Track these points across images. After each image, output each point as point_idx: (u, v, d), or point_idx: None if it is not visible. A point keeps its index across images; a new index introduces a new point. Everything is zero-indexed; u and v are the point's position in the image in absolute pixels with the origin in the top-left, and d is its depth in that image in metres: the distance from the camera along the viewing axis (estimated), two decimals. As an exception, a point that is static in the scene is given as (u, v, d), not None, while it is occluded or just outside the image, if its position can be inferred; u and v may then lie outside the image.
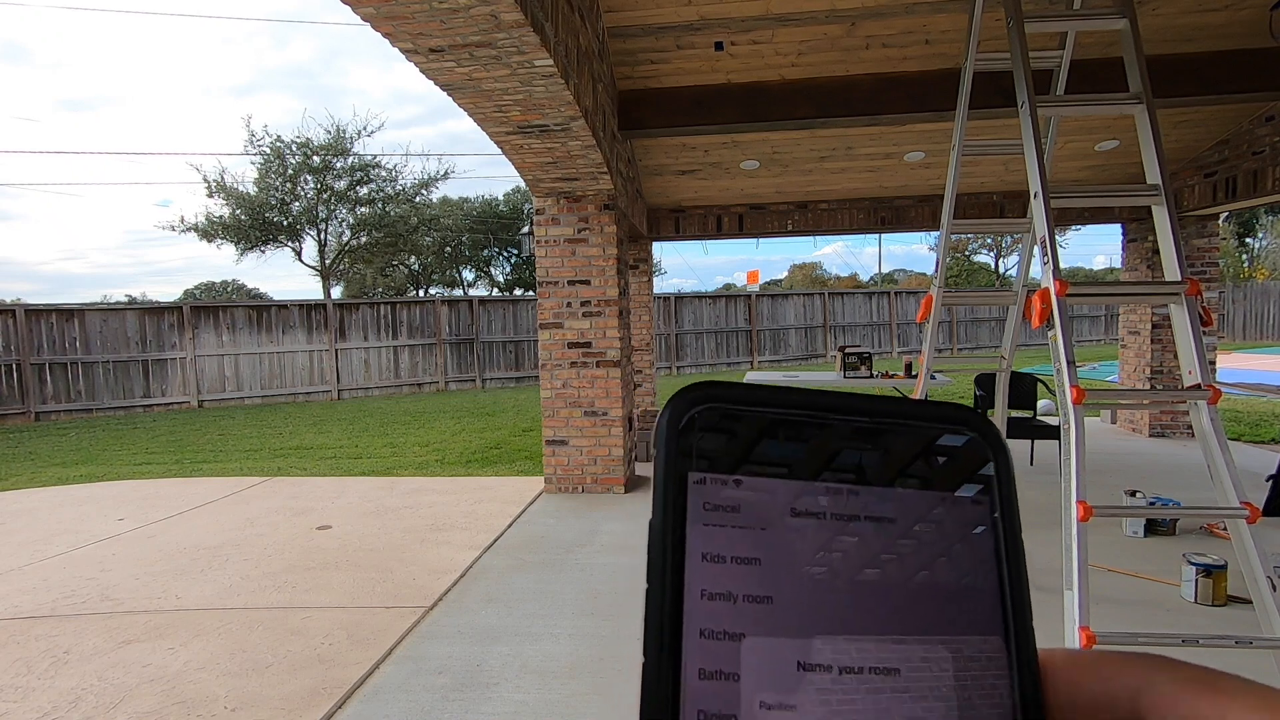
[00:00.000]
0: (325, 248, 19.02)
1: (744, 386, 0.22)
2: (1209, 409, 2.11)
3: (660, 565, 0.20)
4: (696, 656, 0.19)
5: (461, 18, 2.62)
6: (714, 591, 0.20)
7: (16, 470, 7.80)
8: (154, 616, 3.58)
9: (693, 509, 0.20)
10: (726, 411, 0.21)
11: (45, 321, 11.60)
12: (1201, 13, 4.49)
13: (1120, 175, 7.37)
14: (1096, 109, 2.66)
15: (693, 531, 0.20)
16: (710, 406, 0.21)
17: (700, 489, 0.20)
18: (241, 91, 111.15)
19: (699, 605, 0.19)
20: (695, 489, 0.20)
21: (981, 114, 4.43)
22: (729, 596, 0.20)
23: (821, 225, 8.31)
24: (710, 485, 0.21)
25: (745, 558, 0.20)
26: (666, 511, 0.20)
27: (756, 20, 4.45)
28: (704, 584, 0.20)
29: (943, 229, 3.30)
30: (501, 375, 15.41)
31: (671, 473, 0.20)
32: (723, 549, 0.20)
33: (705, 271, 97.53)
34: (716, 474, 0.21)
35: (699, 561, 0.20)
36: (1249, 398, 10.40)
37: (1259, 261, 30.54)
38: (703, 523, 0.20)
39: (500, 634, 3.25)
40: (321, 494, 6.10)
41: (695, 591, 0.20)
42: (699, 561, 0.20)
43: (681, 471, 0.20)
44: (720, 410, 0.21)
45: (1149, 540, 4.32)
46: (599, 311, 5.63)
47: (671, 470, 0.21)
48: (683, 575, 0.20)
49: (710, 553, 0.20)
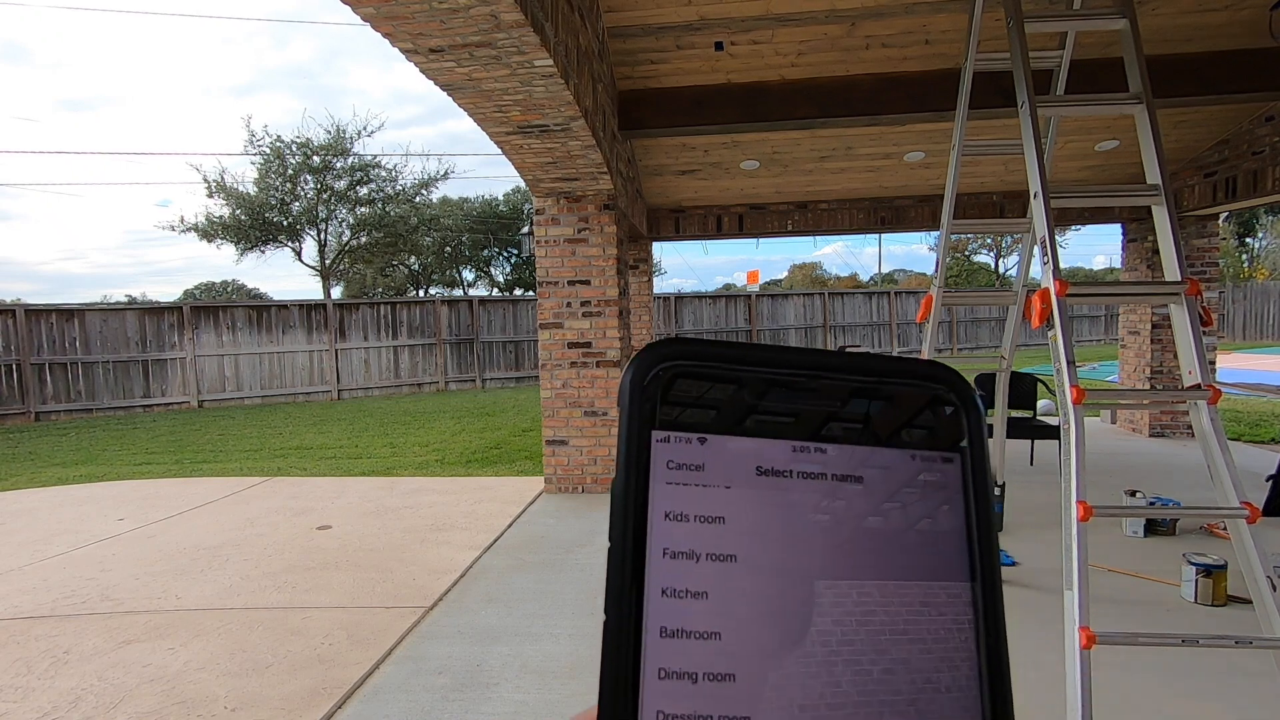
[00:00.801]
0: (325, 248, 19.02)
1: (710, 343, 0.21)
2: (1209, 409, 2.11)
3: (622, 525, 0.19)
4: (659, 615, 0.19)
5: (461, 18, 2.62)
6: (677, 550, 0.19)
7: (16, 470, 7.80)
8: (154, 616, 3.58)
9: (656, 468, 0.20)
10: (692, 369, 0.21)
11: (45, 321, 11.60)
12: (1201, 13, 4.49)
13: (1120, 175, 7.37)
14: (1096, 109, 2.66)
15: (656, 490, 0.20)
16: (676, 364, 0.21)
17: (664, 447, 0.20)
18: (241, 91, 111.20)
19: (661, 564, 0.19)
20: (659, 448, 0.20)
21: (981, 114, 4.43)
22: (692, 555, 0.19)
23: (821, 225, 8.31)
24: (674, 444, 0.20)
25: (709, 516, 0.20)
26: (629, 470, 0.20)
27: (756, 20, 4.45)
28: (667, 543, 0.19)
29: (943, 229, 3.30)
30: (501, 375, 15.41)
31: (634, 431, 0.20)
32: (686, 508, 0.20)
33: (705, 271, 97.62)
34: (681, 432, 0.20)
35: (662, 520, 0.19)
36: (1249, 398, 10.40)
37: (1259, 261, 30.54)
38: (666, 481, 0.20)
39: (500, 634, 3.25)
40: (321, 494, 6.10)
41: (658, 550, 0.19)
42: (662, 520, 0.19)
43: (645, 430, 0.20)
44: (686, 368, 0.21)
45: (1149, 540, 4.32)
46: (599, 311, 5.63)
47: (634, 428, 0.20)
48: (645, 534, 0.19)
49: (673, 511, 0.20)
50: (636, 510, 0.19)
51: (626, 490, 0.20)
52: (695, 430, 0.20)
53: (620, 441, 0.20)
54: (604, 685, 0.18)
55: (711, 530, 0.20)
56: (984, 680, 0.20)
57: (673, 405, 0.21)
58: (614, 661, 0.18)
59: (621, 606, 0.19)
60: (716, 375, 0.21)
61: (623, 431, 0.20)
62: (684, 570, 0.19)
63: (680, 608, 0.19)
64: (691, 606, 0.19)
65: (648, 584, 0.19)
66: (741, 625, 0.19)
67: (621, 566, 0.19)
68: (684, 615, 0.19)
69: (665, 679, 0.18)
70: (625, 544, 0.19)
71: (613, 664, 0.18)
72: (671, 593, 0.19)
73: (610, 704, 0.18)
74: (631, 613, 0.19)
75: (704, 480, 0.20)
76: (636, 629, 0.19)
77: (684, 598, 0.19)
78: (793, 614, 0.19)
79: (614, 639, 0.19)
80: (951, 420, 0.22)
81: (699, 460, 0.20)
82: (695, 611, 0.19)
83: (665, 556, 0.19)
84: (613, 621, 0.19)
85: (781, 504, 0.20)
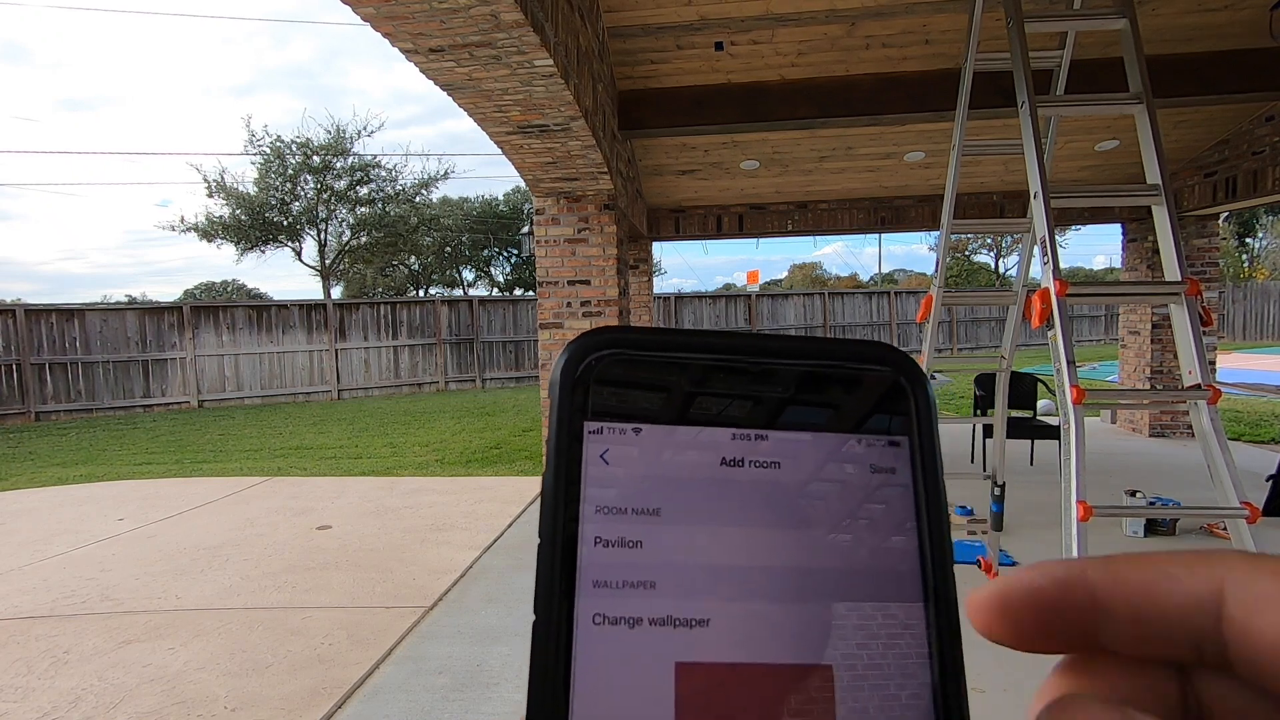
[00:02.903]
0: (325, 248, 19.03)
1: (646, 330, 0.20)
2: (1209, 409, 2.11)
3: (551, 519, 0.19)
4: (589, 610, 0.18)
5: (461, 18, 2.62)
6: (609, 542, 0.19)
7: (16, 470, 7.80)
8: (154, 616, 3.58)
9: (589, 459, 0.19)
10: (628, 356, 0.20)
11: (45, 321, 11.60)
12: (1201, 13, 4.49)
13: (1120, 175, 7.37)
14: (1096, 109, 2.66)
15: (588, 483, 0.19)
16: (610, 352, 0.20)
17: (597, 438, 0.19)
18: (241, 91, 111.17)
19: (593, 557, 0.19)
20: (592, 439, 0.19)
21: (981, 114, 4.43)
22: (626, 546, 0.19)
23: (821, 225, 8.31)
24: (608, 434, 0.20)
25: (644, 509, 0.19)
26: (560, 461, 0.19)
27: (756, 20, 4.45)
28: (599, 535, 0.19)
29: (943, 229, 3.30)
30: (501, 375, 15.41)
31: (565, 422, 0.19)
32: (620, 500, 0.19)
33: (705, 271, 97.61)
34: (615, 423, 0.20)
35: (594, 513, 0.19)
36: (1249, 398, 10.40)
37: (1259, 261, 30.55)
38: (599, 474, 0.19)
39: (500, 634, 3.25)
40: (321, 494, 6.10)
41: (590, 544, 0.19)
42: (594, 513, 0.19)
43: (577, 420, 0.19)
44: (620, 355, 0.20)
45: (1149, 540, 4.32)
46: (599, 311, 5.63)
47: (565, 419, 0.19)
48: (577, 528, 0.19)
49: (606, 505, 0.19)
50: (568, 504, 0.19)
51: (556, 483, 0.19)
52: (630, 420, 0.20)
53: (550, 432, 0.20)
54: (533, 686, 0.18)
55: (646, 523, 0.19)
56: (938, 683, 0.19)
57: (606, 394, 0.20)
58: (544, 657, 0.18)
59: (552, 603, 0.18)
60: (652, 362, 0.20)
61: (553, 421, 0.20)
62: (616, 564, 0.19)
63: (612, 600, 0.18)
64: (624, 599, 0.18)
65: (579, 579, 0.18)
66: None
67: (551, 561, 0.18)
68: (619, 609, 0.18)
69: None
70: (555, 538, 0.19)
71: (543, 659, 0.18)
72: (604, 585, 0.18)
73: (539, 708, 0.18)
74: (564, 609, 0.18)
75: (639, 471, 0.19)
76: (568, 626, 0.18)
77: (620, 588, 0.18)
78: (724, 617, 0.19)
79: (544, 637, 0.18)
80: (899, 403, 0.21)
81: (634, 450, 0.20)
82: (627, 604, 0.19)
83: (598, 546, 0.19)
84: (542, 618, 0.18)
85: (720, 494, 0.20)
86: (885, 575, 0.20)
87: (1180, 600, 0.17)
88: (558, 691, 0.18)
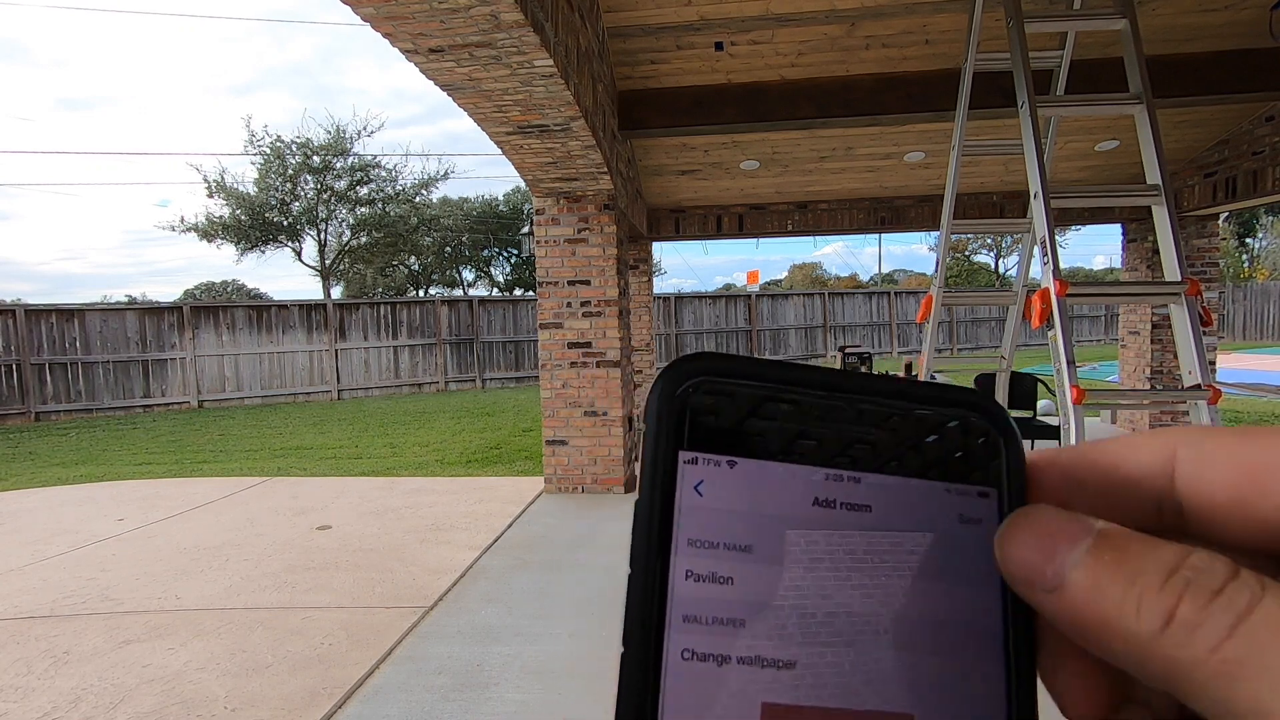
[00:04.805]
0: (325, 248, 19.03)
1: (744, 359, 0.20)
2: (1209, 409, 2.11)
3: (644, 548, 0.19)
4: (679, 645, 0.18)
5: (461, 18, 2.62)
6: (700, 577, 0.19)
7: (16, 470, 7.80)
8: (154, 616, 3.58)
9: (682, 490, 0.19)
10: (724, 386, 0.20)
11: (45, 321, 11.60)
12: (1201, 13, 4.49)
13: (1120, 175, 7.37)
14: (1096, 109, 2.66)
15: (681, 514, 0.19)
16: (706, 379, 0.20)
17: (691, 469, 0.19)
18: (241, 91, 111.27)
19: (685, 591, 0.18)
20: (686, 469, 0.19)
21: (981, 114, 4.43)
22: (716, 582, 0.19)
23: (821, 225, 8.31)
24: (702, 465, 0.19)
25: (737, 545, 0.19)
26: (654, 491, 0.19)
27: (756, 20, 4.45)
28: (691, 569, 0.19)
29: (943, 229, 3.30)
30: (501, 375, 15.41)
31: (661, 450, 0.19)
32: (713, 534, 0.19)
33: (705, 271, 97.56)
34: (710, 454, 0.19)
35: (686, 546, 0.19)
36: (1249, 398, 10.40)
37: (1259, 261, 30.55)
38: (692, 505, 0.19)
39: (500, 634, 3.25)
40: (321, 494, 6.10)
41: (680, 577, 0.18)
42: (686, 546, 0.19)
43: (672, 450, 0.19)
44: (717, 385, 0.20)
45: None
46: (599, 311, 5.63)
47: (661, 448, 0.19)
48: (669, 560, 0.19)
49: (699, 538, 0.19)
50: (661, 535, 0.19)
51: (651, 513, 0.19)
52: (725, 452, 0.19)
53: (645, 460, 0.19)
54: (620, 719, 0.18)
55: (738, 558, 0.19)
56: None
57: (702, 424, 0.20)
58: (631, 694, 0.18)
59: (642, 635, 0.18)
60: (750, 394, 0.20)
61: (648, 450, 0.19)
62: (707, 599, 0.18)
63: (703, 636, 0.18)
64: (714, 635, 0.18)
65: (669, 612, 0.18)
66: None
67: (644, 593, 0.18)
68: (705, 644, 0.18)
69: None
70: (649, 568, 0.18)
71: (629, 696, 0.18)
72: (694, 620, 0.18)
73: None
74: (653, 642, 0.18)
75: (733, 505, 0.19)
76: (657, 659, 0.18)
77: (709, 624, 0.18)
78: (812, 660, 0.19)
79: (633, 670, 0.18)
80: (990, 454, 0.21)
81: (728, 484, 0.19)
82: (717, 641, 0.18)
83: (689, 580, 0.19)
84: (632, 650, 0.18)
85: (812, 533, 0.19)
86: (969, 629, 0.20)
87: (1140, 467, 0.19)
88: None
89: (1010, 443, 0.21)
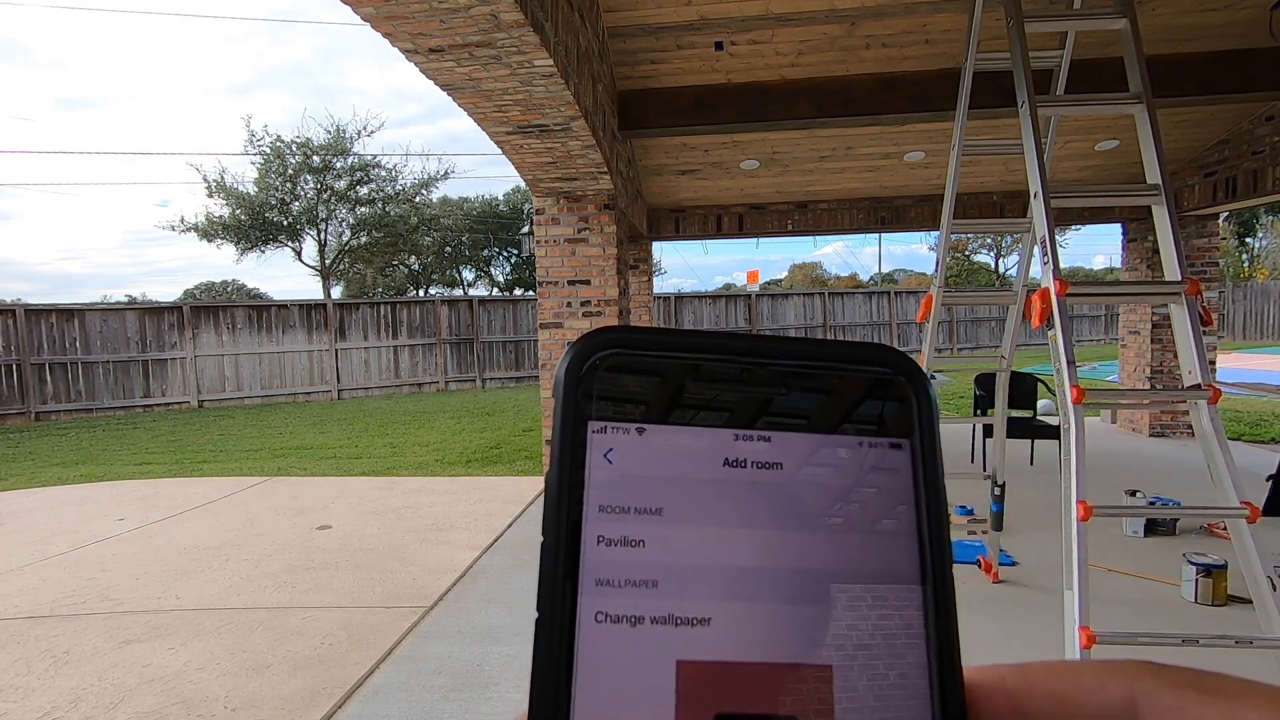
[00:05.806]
0: (325, 248, 19.03)
1: (649, 330, 0.21)
2: (1209, 409, 2.11)
3: (555, 517, 0.19)
4: (592, 608, 0.18)
5: (461, 18, 2.62)
6: (612, 541, 0.19)
7: (16, 470, 7.80)
8: (154, 616, 3.58)
9: (592, 459, 0.19)
10: (632, 357, 0.20)
11: (45, 321, 11.60)
12: (1201, 13, 4.49)
13: (1120, 175, 7.37)
14: (1096, 109, 2.66)
15: (591, 482, 0.19)
16: (615, 351, 0.20)
17: (601, 438, 0.20)
18: (241, 90, 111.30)
19: (596, 556, 0.19)
20: (595, 438, 0.20)
21: (981, 114, 4.43)
22: (628, 545, 0.19)
23: (821, 225, 8.31)
24: (611, 433, 0.20)
25: (647, 509, 0.19)
26: (564, 461, 0.19)
27: (756, 20, 4.45)
28: (602, 534, 0.19)
29: (943, 229, 3.30)
30: (501, 375, 15.41)
31: (569, 421, 0.20)
32: (623, 499, 0.19)
33: (705, 271, 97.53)
34: (618, 422, 0.20)
35: (597, 512, 0.19)
36: (1249, 398, 10.40)
37: (1259, 261, 30.55)
38: (603, 473, 0.19)
39: (500, 634, 3.25)
40: (321, 494, 6.10)
41: (592, 542, 0.19)
42: (597, 512, 0.19)
43: (581, 420, 0.20)
44: (625, 355, 0.20)
45: (1149, 540, 4.32)
46: (599, 311, 5.63)
47: (569, 418, 0.20)
48: (579, 527, 0.19)
49: (609, 504, 0.19)
50: (571, 503, 0.19)
51: (560, 481, 0.19)
52: (633, 420, 0.20)
53: (554, 431, 0.20)
54: (535, 683, 0.18)
55: (649, 522, 0.19)
56: (935, 687, 0.19)
57: (610, 394, 0.20)
58: (545, 658, 0.18)
59: (555, 601, 0.18)
60: (656, 363, 0.20)
61: (557, 420, 0.20)
62: (619, 562, 0.19)
63: (615, 598, 0.19)
64: (627, 598, 0.19)
65: (582, 577, 0.19)
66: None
67: (555, 560, 0.19)
68: (622, 607, 0.19)
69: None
70: (559, 536, 0.19)
71: (544, 661, 0.18)
72: (606, 583, 0.19)
73: (541, 705, 0.18)
74: (566, 607, 0.18)
75: (643, 471, 0.20)
76: (571, 623, 0.18)
77: (622, 587, 0.19)
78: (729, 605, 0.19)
79: (546, 634, 0.18)
80: (901, 405, 0.21)
81: (637, 450, 0.20)
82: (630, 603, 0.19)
83: (600, 545, 0.19)
84: (545, 615, 0.18)
85: (722, 495, 0.20)
86: (884, 574, 0.20)
87: (1093, 712, 0.18)
88: (560, 688, 0.18)
89: (920, 392, 0.21)
